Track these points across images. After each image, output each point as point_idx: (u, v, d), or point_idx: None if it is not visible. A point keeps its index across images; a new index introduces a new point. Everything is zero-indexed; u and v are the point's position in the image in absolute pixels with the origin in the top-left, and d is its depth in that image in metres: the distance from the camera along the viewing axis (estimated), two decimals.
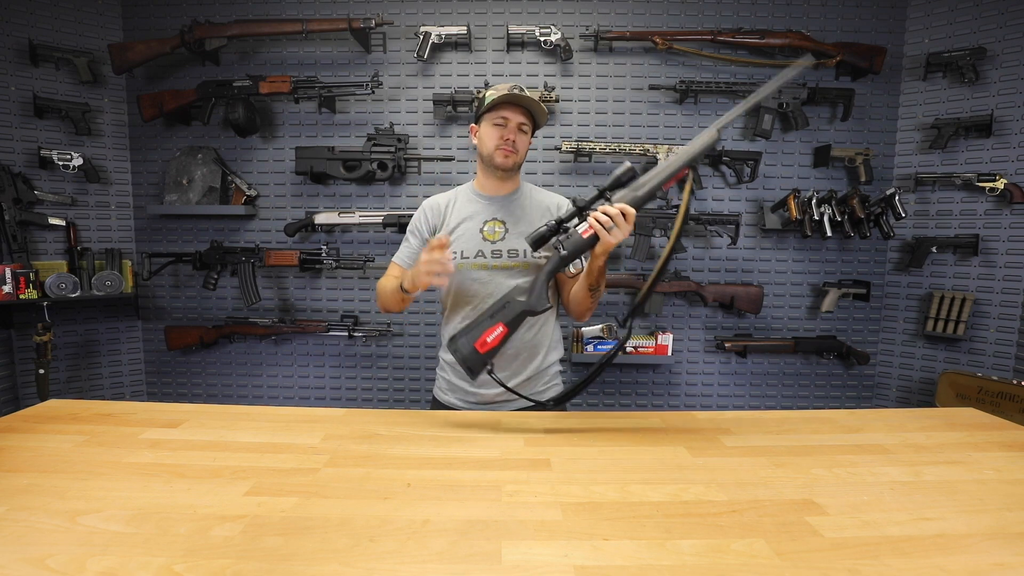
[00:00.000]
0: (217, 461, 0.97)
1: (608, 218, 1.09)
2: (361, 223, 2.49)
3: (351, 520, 0.77)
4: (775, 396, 2.65)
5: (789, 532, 0.75)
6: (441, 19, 2.46)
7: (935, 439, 1.11)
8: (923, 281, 2.51)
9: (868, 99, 2.49)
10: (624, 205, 1.10)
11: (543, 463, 0.98)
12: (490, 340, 1.12)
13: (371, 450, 1.03)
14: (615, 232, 1.10)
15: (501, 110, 1.32)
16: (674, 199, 2.49)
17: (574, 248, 1.14)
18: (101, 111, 2.49)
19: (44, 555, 0.67)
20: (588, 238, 1.12)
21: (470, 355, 1.12)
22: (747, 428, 1.17)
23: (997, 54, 2.30)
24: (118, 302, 2.57)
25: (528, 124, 1.35)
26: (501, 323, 1.13)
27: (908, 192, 2.50)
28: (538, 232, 1.14)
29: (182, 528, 0.74)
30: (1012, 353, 2.33)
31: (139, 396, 2.67)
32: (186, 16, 2.43)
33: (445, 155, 2.43)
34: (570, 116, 2.50)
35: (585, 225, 1.12)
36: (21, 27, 2.33)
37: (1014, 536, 0.74)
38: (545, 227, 1.14)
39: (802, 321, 2.60)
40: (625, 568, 0.67)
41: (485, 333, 1.12)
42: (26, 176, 2.35)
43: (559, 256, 1.15)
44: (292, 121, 2.53)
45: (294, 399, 2.67)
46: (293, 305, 2.61)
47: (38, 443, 1.04)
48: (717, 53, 2.41)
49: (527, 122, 1.34)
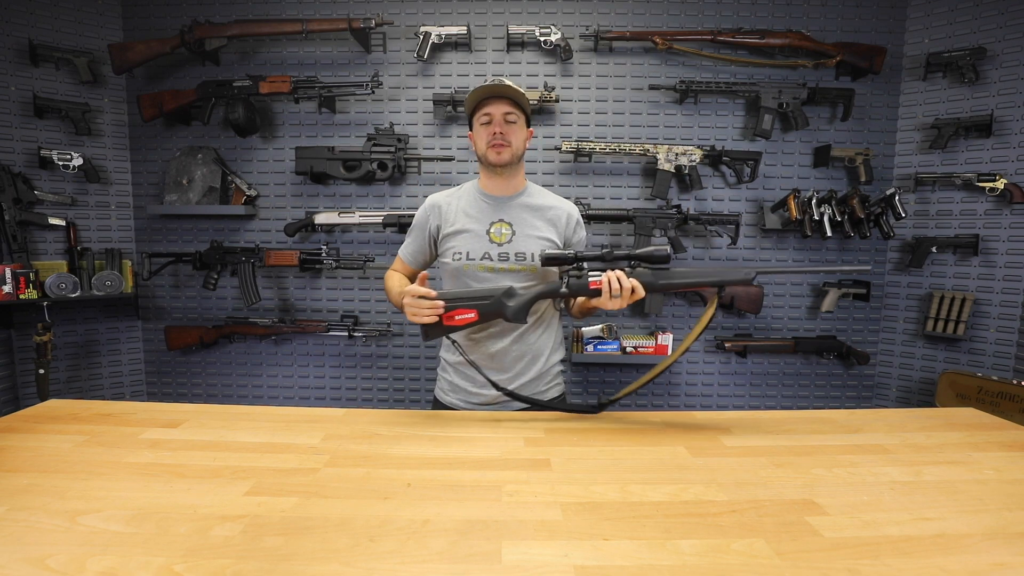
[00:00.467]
0: (217, 461, 0.97)
1: (619, 287, 1.14)
2: (361, 223, 2.49)
3: (351, 520, 0.77)
4: (775, 396, 2.65)
5: (789, 532, 0.75)
6: (441, 19, 2.46)
7: (935, 439, 1.11)
8: (923, 281, 2.51)
9: (868, 99, 2.49)
10: (638, 284, 1.14)
11: (543, 463, 0.98)
12: (458, 319, 1.19)
13: (371, 450, 1.03)
14: (615, 300, 1.16)
15: (483, 107, 1.31)
16: (673, 199, 2.49)
17: (576, 290, 1.19)
18: (101, 111, 2.49)
19: (44, 555, 0.67)
20: (593, 289, 1.18)
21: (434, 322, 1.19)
22: (747, 428, 1.17)
23: (997, 54, 2.30)
24: (118, 302, 2.57)
25: (516, 113, 1.31)
26: (476, 311, 1.20)
27: (908, 192, 2.50)
28: (558, 254, 1.19)
29: (182, 528, 0.74)
30: (1012, 353, 2.33)
31: (139, 396, 2.67)
32: (186, 16, 2.43)
33: (445, 155, 2.43)
34: (570, 116, 2.50)
35: (598, 278, 1.16)
36: (21, 27, 2.33)
37: (1014, 536, 0.74)
38: (565, 254, 1.19)
39: (802, 321, 2.60)
40: (625, 568, 0.67)
41: (458, 311, 1.19)
42: (26, 176, 2.35)
43: (559, 288, 1.20)
44: (292, 121, 2.53)
45: (294, 399, 2.67)
46: (293, 305, 2.61)
47: (38, 443, 1.04)
48: (717, 53, 2.41)
49: (513, 111, 1.30)
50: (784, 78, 2.45)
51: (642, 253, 1.15)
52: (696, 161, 2.40)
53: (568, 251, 1.19)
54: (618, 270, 1.15)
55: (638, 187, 2.52)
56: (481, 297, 1.21)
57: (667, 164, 2.39)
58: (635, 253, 1.16)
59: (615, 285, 1.14)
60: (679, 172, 2.41)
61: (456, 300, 1.20)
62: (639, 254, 1.16)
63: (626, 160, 2.51)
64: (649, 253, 1.15)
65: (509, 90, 1.30)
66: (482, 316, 1.20)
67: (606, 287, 1.14)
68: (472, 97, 1.31)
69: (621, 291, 1.14)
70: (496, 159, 1.31)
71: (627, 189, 2.53)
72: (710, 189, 2.52)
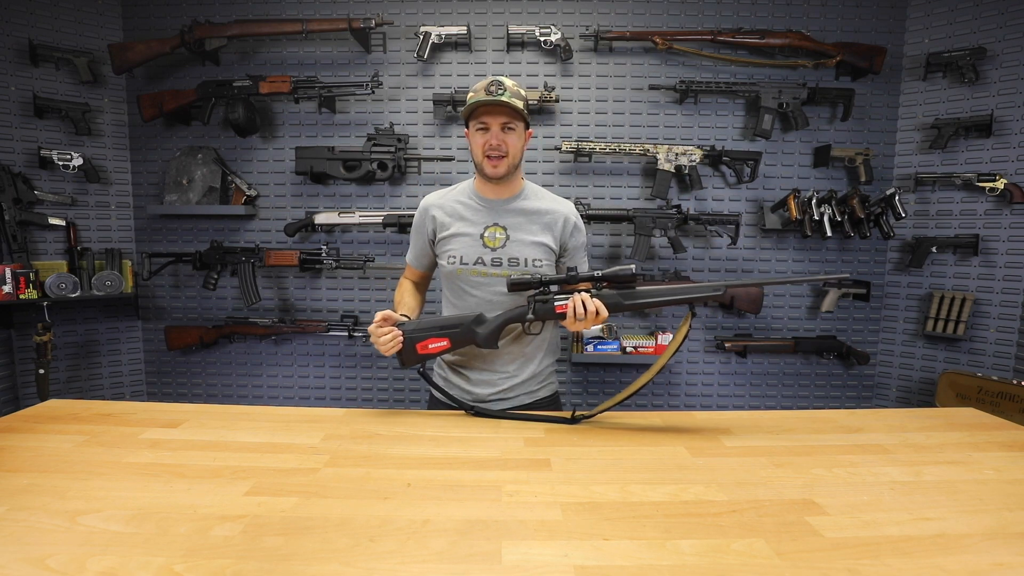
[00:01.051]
0: (217, 461, 0.97)
1: (583, 311, 1.15)
2: (361, 223, 2.49)
3: (351, 520, 0.77)
4: (775, 396, 2.65)
5: (789, 532, 0.75)
6: (441, 19, 2.46)
7: (935, 439, 1.11)
8: (923, 281, 2.51)
9: (868, 99, 2.49)
10: (601, 305, 1.15)
11: (543, 463, 0.98)
12: (431, 347, 1.23)
13: (371, 450, 1.03)
14: (580, 324, 1.17)
15: (481, 115, 1.26)
16: (673, 199, 2.49)
17: (542, 313, 1.21)
18: (101, 111, 2.49)
19: (44, 555, 0.67)
20: (559, 314, 1.19)
21: (408, 350, 1.23)
22: (747, 428, 1.17)
23: (997, 54, 2.30)
24: (118, 302, 2.57)
25: (515, 121, 1.27)
26: (448, 339, 1.23)
27: (908, 192, 2.50)
28: (523, 279, 1.19)
29: (182, 528, 0.74)
30: (1012, 353, 2.33)
31: (139, 396, 2.67)
32: (186, 16, 2.43)
33: (445, 155, 2.43)
34: (570, 116, 2.50)
35: (564, 301, 1.18)
36: (21, 27, 2.33)
37: (1014, 536, 0.74)
38: (530, 279, 1.18)
39: (802, 321, 2.60)
40: (625, 568, 0.67)
41: (431, 340, 1.23)
42: (26, 176, 2.35)
43: (526, 313, 1.22)
44: (292, 121, 2.53)
45: (294, 399, 2.67)
46: (293, 305, 2.61)
47: (38, 443, 1.04)
48: (717, 53, 2.41)
49: (511, 120, 1.26)
50: (784, 78, 2.45)
51: (608, 274, 1.15)
52: (696, 161, 2.40)
53: (535, 275, 1.19)
54: (583, 293, 1.16)
55: (638, 187, 2.52)
56: (451, 326, 1.24)
57: (667, 164, 2.39)
58: (600, 274, 1.16)
59: (579, 309, 1.15)
60: (679, 172, 2.41)
61: (428, 330, 1.23)
62: (605, 275, 1.16)
63: (626, 160, 2.51)
64: (614, 273, 1.15)
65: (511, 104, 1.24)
66: (454, 343, 1.24)
67: (570, 311, 1.16)
68: (469, 105, 1.27)
69: (587, 314, 1.15)
70: (492, 172, 1.29)
71: (627, 189, 2.53)
72: (710, 189, 2.52)
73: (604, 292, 1.17)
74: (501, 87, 1.23)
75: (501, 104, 1.23)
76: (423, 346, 1.22)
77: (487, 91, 1.23)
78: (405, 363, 1.24)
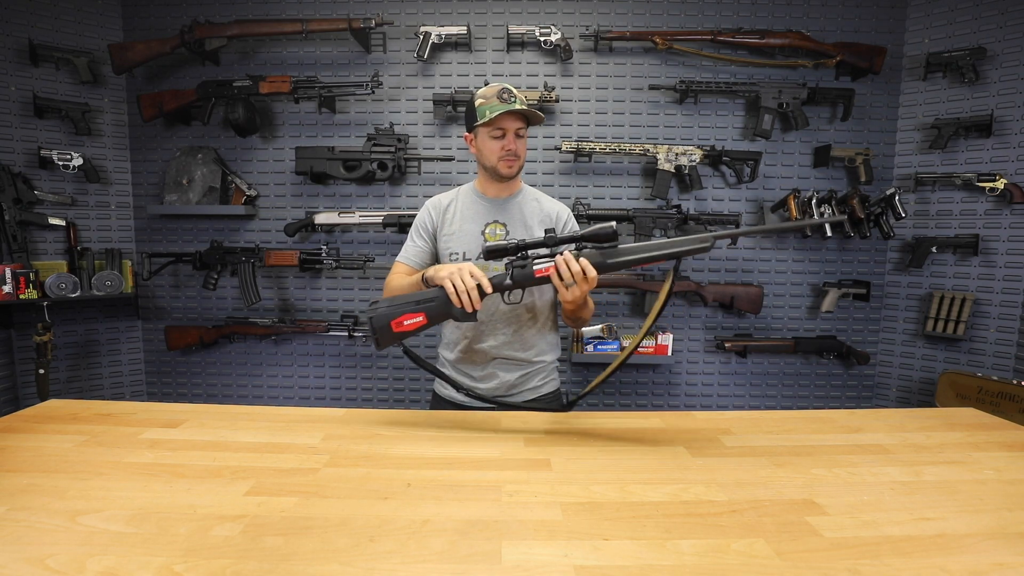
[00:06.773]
0: (217, 461, 0.97)
1: (569, 272, 1.08)
2: (361, 223, 2.49)
3: (351, 520, 0.77)
4: (775, 396, 2.65)
5: (789, 532, 0.75)
6: (441, 19, 2.46)
7: (935, 439, 1.11)
8: (923, 281, 2.51)
9: (868, 99, 2.49)
10: (588, 265, 1.08)
11: (543, 463, 0.98)
12: (407, 324, 1.14)
13: (371, 450, 1.03)
14: (572, 289, 1.11)
15: (498, 121, 1.32)
16: (673, 199, 2.49)
17: (521, 279, 1.13)
18: (101, 111, 2.49)
19: (44, 555, 0.67)
20: (539, 278, 1.12)
21: (383, 329, 1.14)
22: (747, 428, 1.17)
23: (997, 54, 2.30)
24: (118, 302, 2.57)
25: (524, 127, 1.36)
26: (424, 314, 1.14)
27: (908, 192, 2.50)
28: (498, 245, 1.12)
29: (182, 528, 0.74)
30: (1012, 353, 2.33)
31: (139, 396, 2.67)
32: (186, 16, 2.43)
33: (445, 155, 2.43)
34: (570, 116, 2.50)
35: (544, 265, 1.11)
36: (21, 27, 2.32)
37: (1014, 536, 0.74)
38: (506, 244, 1.11)
39: (802, 321, 2.60)
40: (625, 568, 0.67)
41: (405, 316, 1.14)
42: (26, 176, 2.35)
43: (503, 280, 1.14)
44: (292, 121, 2.53)
45: (294, 399, 2.67)
46: (293, 305, 2.61)
47: (38, 443, 1.04)
48: (717, 53, 2.41)
49: (523, 126, 1.35)
50: (784, 78, 2.45)
51: (587, 233, 1.09)
52: (696, 161, 2.40)
53: (510, 241, 1.12)
54: (566, 253, 1.10)
55: (638, 187, 2.52)
56: (427, 300, 1.15)
57: (667, 164, 2.39)
58: (579, 234, 1.10)
59: (564, 270, 1.08)
60: (679, 172, 2.41)
61: (402, 306, 1.15)
62: (584, 234, 1.09)
63: (626, 160, 2.51)
64: (594, 232, 1.08)
65: (529, 112, 1.31)
66: (430, 319, 1.15)
67: (555, 274, 1.09)
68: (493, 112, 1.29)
69: (574, 275, 1.08)
70: (508, 172, 1.36)
71: (627, 189, 2.53)
72: (710, 189, 2.52)
73: (586, 252, 1.11)
74: (512, 95, 1.31)
75: (522, 112, 1.31)
76: (398, 323, 1.14)
77: (500, 98, 1.30)
78: (380, 344, 1.16)
